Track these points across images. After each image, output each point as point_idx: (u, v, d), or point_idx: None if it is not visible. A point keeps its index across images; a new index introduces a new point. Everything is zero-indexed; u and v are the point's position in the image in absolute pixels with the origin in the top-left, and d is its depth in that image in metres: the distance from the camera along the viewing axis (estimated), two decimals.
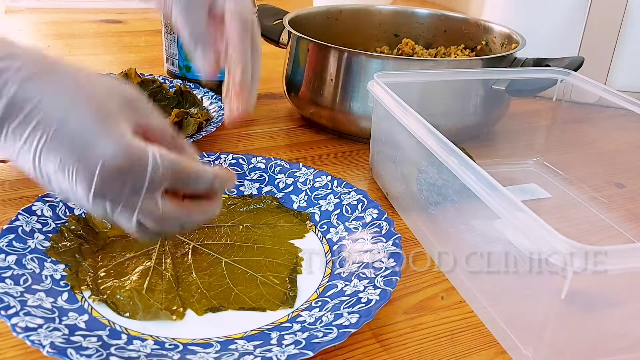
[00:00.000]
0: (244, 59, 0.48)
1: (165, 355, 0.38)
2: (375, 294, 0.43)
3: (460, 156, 0.45)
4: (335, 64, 0.70)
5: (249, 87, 0.49)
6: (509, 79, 0.65)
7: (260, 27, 0.52)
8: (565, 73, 0.65)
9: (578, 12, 0.85)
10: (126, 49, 1.07)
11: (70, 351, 0.36)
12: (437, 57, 0.85)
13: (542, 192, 0.63)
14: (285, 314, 0.43)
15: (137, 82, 0.75)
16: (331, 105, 0.71)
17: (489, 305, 0.45)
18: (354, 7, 0.89)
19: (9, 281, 0.41)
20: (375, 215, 0.52)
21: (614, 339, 0.41)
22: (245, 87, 0.48)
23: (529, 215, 0.37)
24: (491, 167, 0.49)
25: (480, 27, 0.84)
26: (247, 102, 0.49)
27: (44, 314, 0.39)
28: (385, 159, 0.62)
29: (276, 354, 0.37)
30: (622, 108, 0.58)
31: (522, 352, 0.40)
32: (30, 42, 1.08)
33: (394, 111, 0.54)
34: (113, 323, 0.41)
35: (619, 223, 0.58)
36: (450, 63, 0.70)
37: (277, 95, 0.86)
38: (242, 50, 0.48)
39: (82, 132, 0.36)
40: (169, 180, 0.38)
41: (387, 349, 0.42)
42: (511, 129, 0.75)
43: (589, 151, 0.71)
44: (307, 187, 0.57)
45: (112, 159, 0.36)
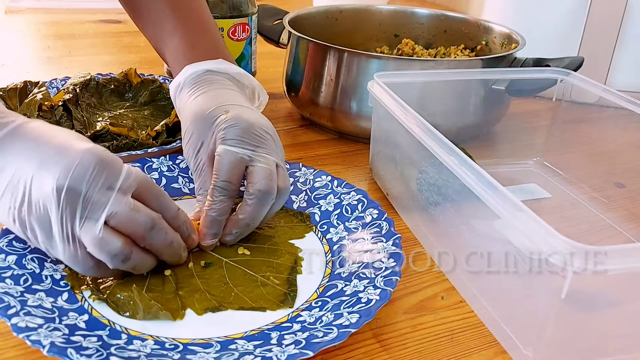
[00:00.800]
0: (209, 206, 0.48)
1: (165, 355, 0.38)
2: (375, 294, 0.43)
3: (460, 156, 0.45)
4: (335, 64, 0.70)
5: (209, 240, 0.48)
6: (509, 79, 0.65)
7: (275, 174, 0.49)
8: (565, 73, 0.64)
9: (578, 12, 0.85)
10: (126, 49, 1.07)
11: (70, 351, 0.36)
12: (437, 57, 0.85)
13: (542, 192, 0.63)
14: (285, 314, 0.43)
15: (137, 82, 0.75)
16: (331, 105, 0.71)
17: (489, 305, 0.45)
18: (354, 7, 0.89)
19: (9, 281, 0.41)
20: (375, 215, 0.52)
21: (614, 339, 0.41)
22: (205, 240, 0.48)
23: (529, 215, 0.37)
24: (491, 167, 0.49)
25: (480, 27, 0.84)
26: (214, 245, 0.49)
27: (44, 313, 0.39)
28: (385, 159, 0.62)
29: (276, 354, 0.37)
30: (622, 108, 0.58)
31: (522, 352, 0.40)
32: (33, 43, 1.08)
33: (394, 111, 0.54)
34: (113, 323, 0.41)
35: (619, 223, 0.58)
36: (450, 63, 0.70)
37: (277, 95, 0.86)
38: (210, 199, 0.48)
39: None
40: (137, 187, 0.42)
41: (387, 349, 0.42)
42: (511, 129, 0.75)
43: (589, 151, 0.71)
44: (307, 187, 0.57)
45: (89, 153, 0.40)
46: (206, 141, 0.50)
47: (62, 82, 0.74)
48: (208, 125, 0.50)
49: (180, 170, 0.59)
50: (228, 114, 0.50)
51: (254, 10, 0.79)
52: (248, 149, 0.48)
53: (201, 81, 0.55)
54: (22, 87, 0.69)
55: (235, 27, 0.77)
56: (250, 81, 0.59)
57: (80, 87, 0.70)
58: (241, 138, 0.48)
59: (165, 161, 0.59)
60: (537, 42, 0.78)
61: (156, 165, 0.58)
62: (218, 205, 0.48)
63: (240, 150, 0.48)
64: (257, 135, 0.49)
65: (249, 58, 0.79)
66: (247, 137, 0.49)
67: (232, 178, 0.48)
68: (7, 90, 0.68)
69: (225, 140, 0.49)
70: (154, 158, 0.59)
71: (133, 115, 0.70)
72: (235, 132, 0.49)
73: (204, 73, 0.56)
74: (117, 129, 0.63)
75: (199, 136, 0.51)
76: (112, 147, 0.61)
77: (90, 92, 0.71)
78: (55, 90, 0.72)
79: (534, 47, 0.75)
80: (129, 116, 0.69)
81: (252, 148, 0.49)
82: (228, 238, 0.49)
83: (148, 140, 0.62)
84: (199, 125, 0.51)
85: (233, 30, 0.77)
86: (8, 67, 0.94)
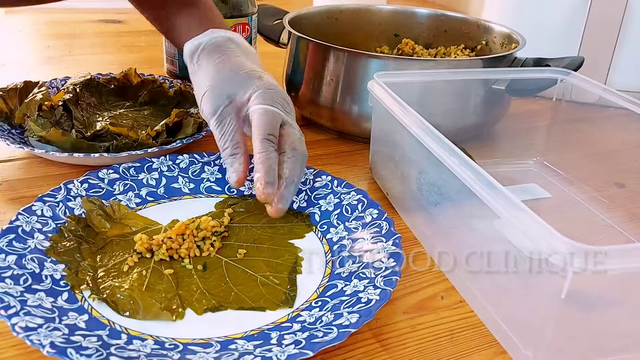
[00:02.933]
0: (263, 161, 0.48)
1: (165, 355, 0.38)
2: (375, 294, 0.43)
3: (460, 156, 0.45)
4: (335, 64, 0.70)
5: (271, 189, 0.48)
6: (509, 79, 0.65)
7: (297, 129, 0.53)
8: (565, 73, 0.64)
9: (578, 12, 0.85)
10: (126, 49, 1.07)
11: (70, 351, 0.36)
12: (437, 57, 0.85)
13: (542, 192, 0.63)
14: (285, 313, 0.43)
15: (137, 82, 0.75)
16: (331, 105, 0.71)
17: (489, 305, 0.45)
18: (354, 7, 0.89)
19: (9, 281, 0.41)
20: (375, 215, 0.52)
21: (614, 339, 0.41)
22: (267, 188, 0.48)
23: (529, 215, 0.37)
24: (491, 167, 0.49)
25: (480, 27, 0.84)
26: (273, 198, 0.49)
27: (44, 313, 0.39)
28: (385, 159, 0.62)
29: (276, 354, 0.37)
30: (622, 108, 0.58)
31: (522, 352, 0.40)
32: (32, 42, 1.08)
33: (394, 111, 0.54)
34: (113, 323, 0.41)
35: (619, 223, 0.58)
36: (450, 63, 0.70)
37: None
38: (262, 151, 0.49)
39: None
40: None
41: (387, 349, 0.42)
42: (511, 129, 0.75)
43: (589, 151, 0.70)
44: (307, 187, 0.57)
45: None
46: (237, 98, 0.52)
47: (62, 82, 0.74)
48: (239, 87, 0.52)
49: (180, 170, 0.59)
50: (262, 79, 0.53)
51: (254, 10, 0.79)
52: (282, 112, 0.52)
53: (223, 47, 0.57)
54: (22, 87, 0.69)
55: (235, 27, 0.77)
56: (260, 63, 0.60)
57: (80, 87, 0.70)
58: (277, 101, 0.52)
59: (165, 161, 0.59)
60: (537, 42, 0.78)
61: (156, 165, 0.58)
62: (274, 154, 0.49)
63: (282, 111, 0.52)
64: (288, 103, 0.54)
65: None
66: (282, 102, 0.52)
67: (276, 132, 0.50)
68: (7, 90, 0.68)
69: (264, 100, 0.51)
70: (154, 158, 0.59)
71: (133, 115, 0.70)
72: (272, 95, 0.52)
73: (225, 40, 0.58)
74: (117, 129, 0.63)
75: (228, 95, 0.53)
76: (112, 147, 0.61)
77: (90, 92, 0.71)
78: (55, 90, 0.72)
79: (534, 47, 0.75)
80: (129, 116, 0.69)
81: (285, 112, 0.52)
82: (281, 205, 0.49)
83: (148, 140, 0.62)
84: (229, 86, 0.53)
85: (233, 30, 0.77)
86: (8, 67, 0.94)
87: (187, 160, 0.59)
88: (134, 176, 0.57)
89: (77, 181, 0.54)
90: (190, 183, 0.58)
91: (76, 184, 0.53)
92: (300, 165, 0.51)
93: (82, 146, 0.60)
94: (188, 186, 0.58)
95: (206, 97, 0.53)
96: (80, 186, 0.53)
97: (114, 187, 0.55)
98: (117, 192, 0.55)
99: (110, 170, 0.56)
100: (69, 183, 0.53)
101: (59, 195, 0.52)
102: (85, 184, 0.54)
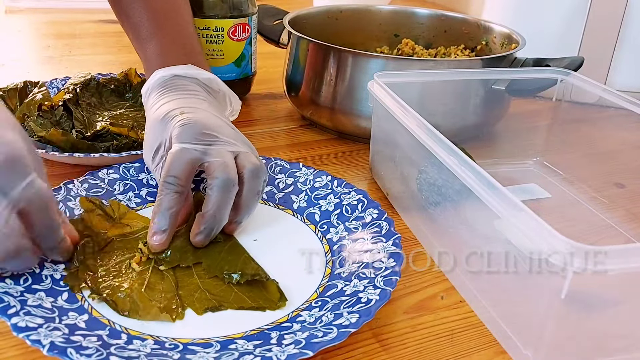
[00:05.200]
0: (157, 201, 0.47)
1: (165, 355, 0.38)
2: (375, 294, 0.43)
3: (460, 156, 0.45)
4: (335, 64, 0.70)
5: (157, 237, 0.47)
6: (509, 79, 0.65)
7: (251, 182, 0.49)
8: (565, 73, 0.64)
9: (578, 12, 0.85)
10: (126, 49, 1.07)
11: (70, 351, 0.36)
12: (437, 57, 0.85)
13: (542, 192, 0.63)
14: (285, 313, 0.43)
15: (137, 82, 0.75)
16: (331, 105, 0.71)
17: (489, 305, 0.45)
18: (354, 7, 0.89)
19: (9, 281, 0.41)
20: (375, 215, 0.52)
21: (614, 339, 0.41)
22: (153, 238, 0.47)
23: (529, 215, 0.37)
24: (491, 167, 0.49)
25: (480, 27, 0.84)
26: (166, 245, 0.47)
27: (44, 313, 0.39)
28: (385, 159, 0.62)
29: (276, 354, 0.37)
30: (622, 108, 0.58)
31: (522, 352, 0.40)
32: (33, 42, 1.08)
33: (394, 111, 0.54)
34: (113, 323, 0.41)
35: (619, 223, 0.58)
36: (450, 63, 0.70)
37: (277, 95, 0.86)
38: (160, 190, 0.47)
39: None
40: (29, 204, 0.39)
41: (387, 349, 0.42)
42: (511, 129, 0.75)
43: (589, 151, 0.70)
44: (307, 187, 0.57)
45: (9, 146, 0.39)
46: (163, 144, 0.50)
47: (62, 82, 0.74)
48: (164, 128, 0.50)
49: None
50: (183, 115, 0.50)
51: (254, 10, 0.79)
52: (200, 147, 0.48)
53: (167, 86, 0.55)
54: (22, 87, 0.69)
55: (235, 27, 0.77)
56: (220, 87, 0.59)
57: (81, 87, 0.70)
58: (194, 136, 0.48)
59: None
60: (537, 42, 0.78)
61: None
62: (166, 199, 0.46)
63: (192, 146, 0.48)
64: (210, 134, 0.49)
65: (249, 58, 0.79)
66: (200, 136, 0.48)
67: (180, 174, 0.47)
68: (7, 90, 0.68)
69: (178, 139, 0.48)
70: None
71: (133, 115, 0.70)
72: (188, 131, 0.48)
73: (171, 78, 0.56)
74: (117, 129, 0.63)
75: (155, 139, 0.51)
76: (112, 147, 0.61)
77: (90, 92, 0.71)
78: (55, 90, 0.72)
79: (534, 47, 0.75)
80: (129, 116, 0.69)
81: (205, 145, 0.48)
82: (198, 238, 0.47)
83: None
84: (156, 128, 0.51)
85: (233, 30, 0.77)
86: (8, 67, 0.94)
87: None
88: (134, 176, 0.57)
89: (77, 181, 0.54)
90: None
91: (76, 184, 0.53)
92: (224, 194, 0.47)
93: (82, 146, 0.60)
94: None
95: (144, 147, 0.53)
96: (81, 186, 0.53)
97: (114, 187, 0.55)
98: (117, 192, 0.55)
99: (110, 170, 0.56)
100: (69, 183, 0.53)
101: (59, 195, 0.52)
102: (85, 184, 0.54)
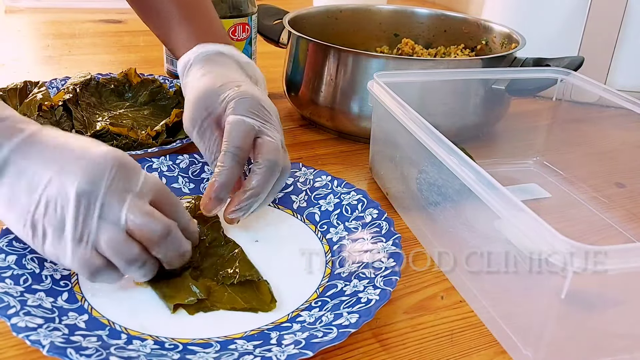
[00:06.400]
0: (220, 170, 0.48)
1: (165, 355, 0.38)
2: (375, 294, 0.43)
3: (460, 156, 0.45)
4: (335, 64, 0.70)
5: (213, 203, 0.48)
6: (509, 78, 0.65)
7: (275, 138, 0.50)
8: (565, 73, 0.64)
9: (578, 12, 0.85)
10: (126, 49, 1.07)
11: (70, 351, 0.36)
12: (437, 57, 0.85)
13: (542, 192, 0.63)
14: (285, 313, 0.43)
15: (137, 82, 0.75)
16: (331, 105, 0.71)
17: (489, 305, 0.45)
18: (354, 7, 0.89)
19: (9, 281, 0.41)
20: (375, 215, 0.52)
21: (614, 339, 0.41)
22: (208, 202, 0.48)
23: (529, 215, 0.37)
24: (491, 167, 0.49)
25: (480, 27, 0.84)
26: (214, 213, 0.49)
27: (43, 313, 0.39)
28: (385, 159, 0.62)
29: (276, 354, 0.37)
30: (622, 108, 0.58)
31: (522, 352, 0.40)
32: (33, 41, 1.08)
33: (394, 111, 0.54)
34: (113, 323, 0.41)
35: (619, 223, 0.58)
36: (450, 63, 0.70)
37: (277, 95, 0.86)
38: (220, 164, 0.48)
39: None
40: (154, 194, 0.42)
41: (387, 349, 0.42)
42: (511, 129, 0.75)
43: (589, 151, 0.70)
44: (307, 187, 0.57)
45: (108, 156, 0.41)
46: (215, 110, 0.51)
47: (62, 82, 0.74)
48: (216, 99, 0.51)
49: (180, 170, 0.59)
50: (240, 88, 0.51)
51: (254, 10, 0.79)
52: (257, 121, 0.50)
53: (212, 60, 0.56)
54: (22, 87, 0.69)
55: (235, 27, 0.77)
56: (255, 72, 0.60)
57: (80, 87, 0.70)
58: (251, 110, 0.50)
59: (165, 161, 0.59)
60: (537, 42, 0.78)
61: (156, 165, 0.58)
62: (229, 171, 0.48)
63: (251, 120, 0.50)
64: (266, 110, 0.51)
65: (249, 58, 0.79)
66: (257, 110, 0.50)
67: (243, 145, 0.49)
68: (7, 90, 0.68)
69: (236, 110, 0.50)
70: (154, 158, 0.59)
71: (133, 115, 0.70)
72: (246, 104, 0.50)
73: (215, 54, 0.57)
74: (117, 129, 0.63)
75: (206, 107, 0.52)
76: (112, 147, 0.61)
77: (90, 92, 0.71)
78: (55, 90, 0.72)
79: (534, 47, 0.75)
80: (129, 116, 0.69)
81: (261, 121, 0.50)
82: (237, 214, 0.48)
83: (148, 140, 0.62)
84: (207, 98, 0.52)
85: (233, 30, 0.77)
86: (8, 67, 0.94)
87: (187, 160, 0.59)
88: None
89: None
90: (190, 183, 0.58)
91: None
92: (271, 177, 0.49)
93: None
94: (188, 186, 0.58)
95: (186, 112, 0.53)
96: None
97: None
98: None
99: None
100: None
101: None
102: None
